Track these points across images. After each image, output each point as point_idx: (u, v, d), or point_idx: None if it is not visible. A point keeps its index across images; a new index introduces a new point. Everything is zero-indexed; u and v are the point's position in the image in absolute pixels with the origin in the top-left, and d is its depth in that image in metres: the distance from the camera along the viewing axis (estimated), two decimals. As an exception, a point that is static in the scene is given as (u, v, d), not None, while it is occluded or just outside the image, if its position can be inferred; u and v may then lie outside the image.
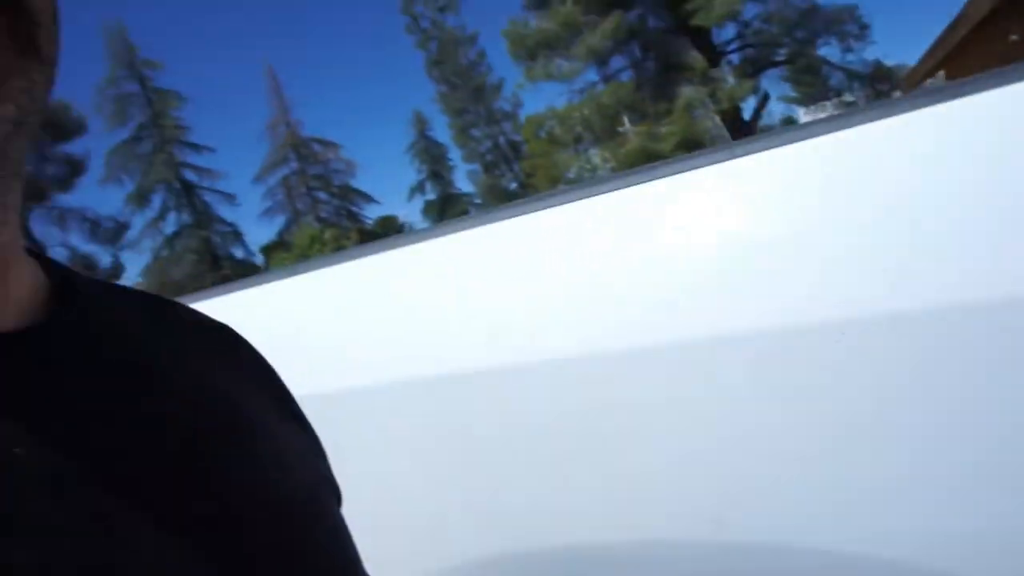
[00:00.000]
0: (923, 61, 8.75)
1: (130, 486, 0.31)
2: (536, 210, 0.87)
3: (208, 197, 26.18)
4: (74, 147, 23.41)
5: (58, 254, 21.35)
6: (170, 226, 25.83)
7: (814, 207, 0.73)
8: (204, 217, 25.94)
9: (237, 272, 22.66)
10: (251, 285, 1.11)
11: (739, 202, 0.77)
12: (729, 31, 19.29)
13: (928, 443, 0.67)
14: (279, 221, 27.31)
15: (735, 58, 19.59)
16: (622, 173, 0.89)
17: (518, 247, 0.88)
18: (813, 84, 19.56)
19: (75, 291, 0.37)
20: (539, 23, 19.62)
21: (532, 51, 19.89)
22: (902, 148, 0.71)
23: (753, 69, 19.39)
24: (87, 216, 23.90)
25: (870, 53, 19.40)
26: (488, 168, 26.17)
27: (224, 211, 26.76)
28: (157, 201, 25.66)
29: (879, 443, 0.69)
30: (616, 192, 0.82)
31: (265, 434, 0.41)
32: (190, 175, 26.11)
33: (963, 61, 7.16)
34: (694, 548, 0.77)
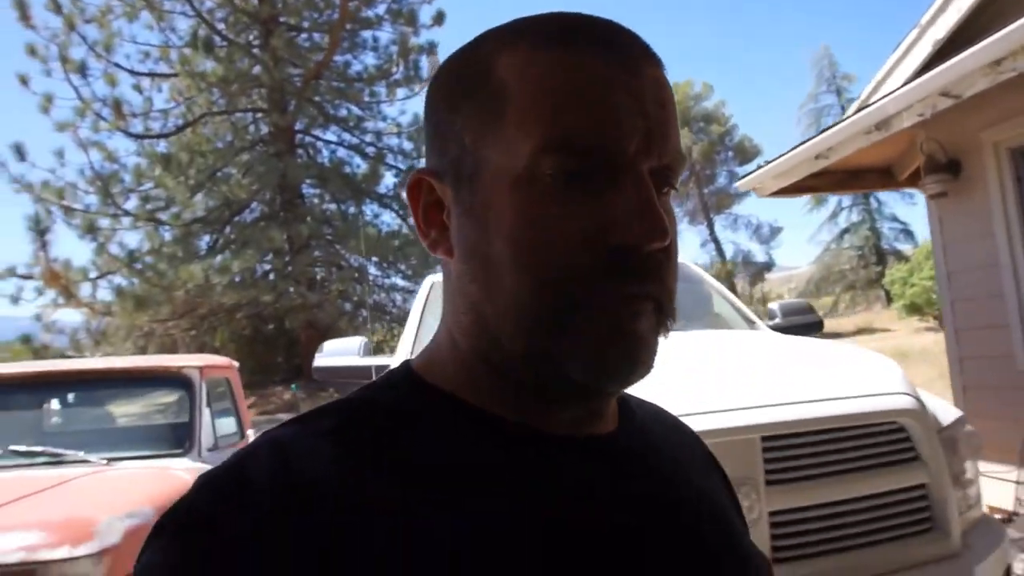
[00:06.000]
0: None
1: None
2: None
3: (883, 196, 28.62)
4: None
5: (729, 250, 31.82)
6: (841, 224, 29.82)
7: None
8: (871, 216, 29.53)
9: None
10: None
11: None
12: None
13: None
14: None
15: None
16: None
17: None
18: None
19: (631, 410, 0.55)
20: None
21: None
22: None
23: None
24: (751, 221, 32.58)
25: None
26: None
27: (900, 210, 29.46)
28: (833, 201, 28.94)
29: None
30: None
31: (730, 515, 0.57)
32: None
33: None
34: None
